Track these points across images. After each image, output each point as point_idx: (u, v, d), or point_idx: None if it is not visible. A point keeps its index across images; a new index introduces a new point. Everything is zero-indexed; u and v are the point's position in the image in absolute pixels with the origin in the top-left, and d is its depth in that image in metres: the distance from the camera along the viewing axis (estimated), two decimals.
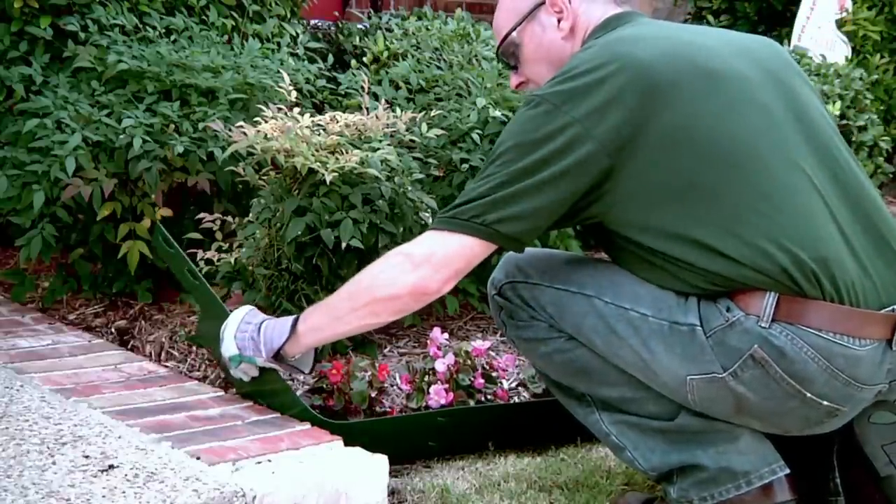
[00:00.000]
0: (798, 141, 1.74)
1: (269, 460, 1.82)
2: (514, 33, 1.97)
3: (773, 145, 1.71)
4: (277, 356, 1.96)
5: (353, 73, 3.36)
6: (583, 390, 1.88)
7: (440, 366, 2.22)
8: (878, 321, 1.68)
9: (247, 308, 2.05)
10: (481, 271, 2.55)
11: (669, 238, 1.70)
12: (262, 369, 2.04)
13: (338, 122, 2.45)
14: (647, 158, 1.69)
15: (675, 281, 1.73)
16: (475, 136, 2.84)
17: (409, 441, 2.11)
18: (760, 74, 1.78)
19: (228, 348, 2.01)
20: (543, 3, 1.93)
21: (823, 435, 1.83)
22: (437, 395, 2.19)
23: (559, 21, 1.92)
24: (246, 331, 1.99)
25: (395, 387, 2.28)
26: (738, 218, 1.67)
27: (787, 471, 1.77)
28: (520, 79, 2.01)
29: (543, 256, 1.92)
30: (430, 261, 1.78)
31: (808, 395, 1.67)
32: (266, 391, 2.11)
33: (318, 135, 2.39)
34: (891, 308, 1.70)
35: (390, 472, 1.91)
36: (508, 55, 2.00)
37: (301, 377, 2.20)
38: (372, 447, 1.94)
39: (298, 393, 2.22)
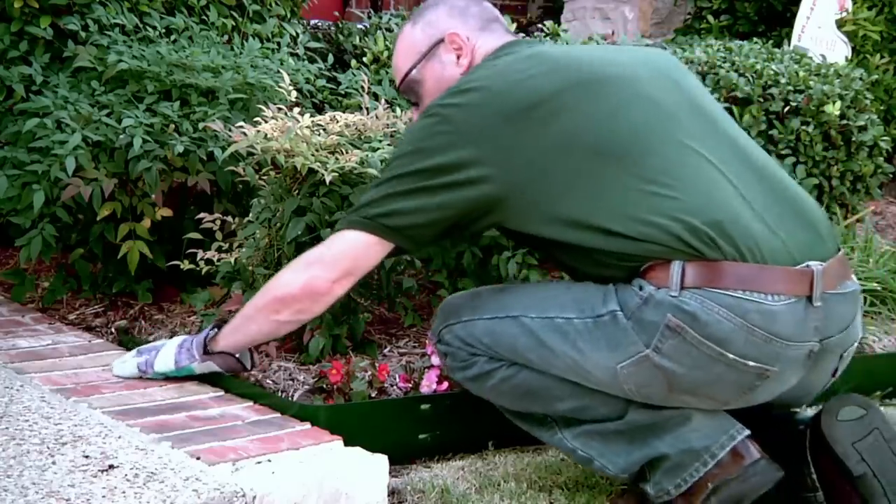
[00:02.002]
0: (691, 126, 1.83)
1: (269, 460, 1.82)
2: (414, 71, 2.06)
3: (663, 132, 1.80)
4: (208, 353, 2.11)
5: (353, 73, 3.36)
6: (539, 411, 1.94)
7: (436, 359, 2.22)
8: (791, 277, 1.72)
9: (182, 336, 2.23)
10: (482, 270, 2.57)
11: (570, 227, 1.79)
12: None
13: (338, 122, 2.45)
14: (538, 168, 1.79)
15: (597, 266, 1.82)
16: None
17: (395, 431, 2.11)
18: (649, 72, 1.89)
19: (164, 363, 2.17)
20: (442, 40, 2.02)
21: (795, 430, 1.88)
22: (429, 381, 2.19)
23: (458, 57, 2.02)
24: (182, 346, 2.16)
25: (395, 387, 2.28)
26: (629, 200, 1.76)
27: (747, 432, 1.80)
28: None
29: (472, 294, 2.01)
30: (321, 260, 1.92)
31: (730, 355, 1.71)
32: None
33: (318, 135, 2.39)
34: (805, 265, 1.74)
35: (390, 472, 1.91)
36: (409, 92, 2.10)
37: (246, 374, 2.24)
38: (354, 436, 1.95)
39: (298, 393, 2.22)
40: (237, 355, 2.13)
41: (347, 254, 1.89)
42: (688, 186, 1.76)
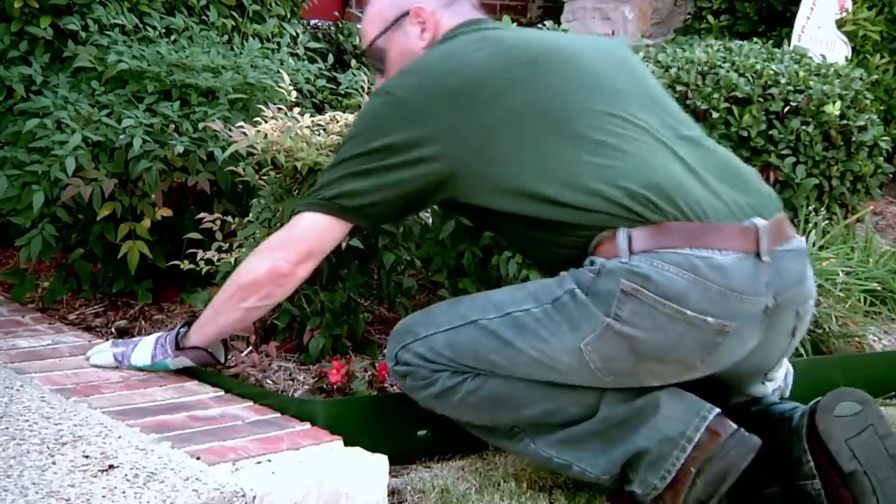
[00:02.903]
0: (633, 101, 1.90)
1: (269, 460, 1.82)
2: (379, 40, 2.12)
3: (605, 105, 1.86)
4: (181, 349, 2.17)
5: (353, 73, 3.36)
6: (508, 422, 1.93)
7: None
8: (736, 233, 1.77)
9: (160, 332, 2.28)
10: (482, 270, 2.57)
11: (519, 198, 1.83)
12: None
13: (338, 122, 2.45)
14: (490, 145, 1.85)
15: (547, 241, 1.86)
16: None
17: (394, 428, 2.11)
18: (594, 52, 1.96)
19: (140, 358, 2.23)
20: (408, 13, 2.08)
21: (794, 420, 1.88)
22: None
23: (422, 31, 2.07)
24: (157, 341, 2.23)
25: (394, 387, 2.28)
26: (571, 170, 1.81)
27: (717, 410, 1.81)
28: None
29: (425, 313, 2.02)
30: (283, 245, 1.97)
31: (689, 312, 1.73)
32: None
33: (319, 135, 2.39)
34: (749, 222, 1.79)
35: (390, 472, 1.91)
36: (375, 59, 2.16)
37: (219, 367, 2.28)
38: (354, 436, 1.95)
39: (298, 393, 2.22)
40: (209, 349, 2.18)
41: (308, 236, 1.95)
42: (628, 154, 1.81)
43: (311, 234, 1.95)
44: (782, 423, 1.91)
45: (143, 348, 2.23)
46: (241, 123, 2.43)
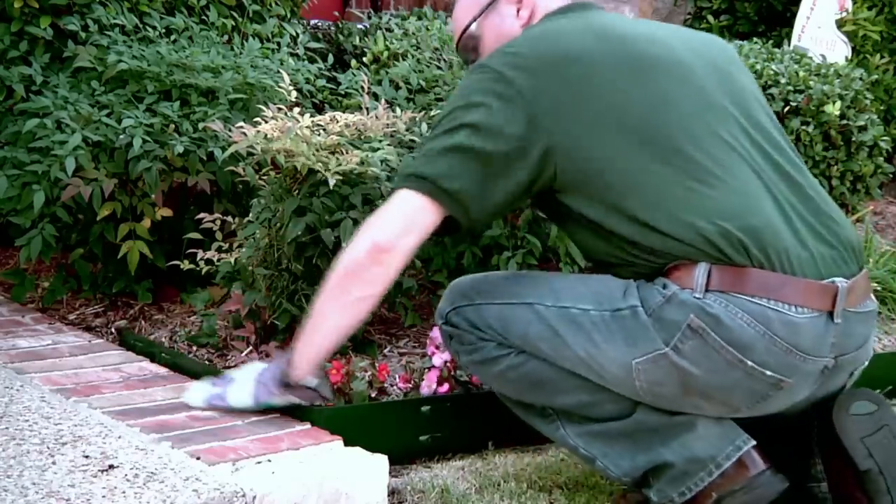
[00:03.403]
0: (734, 124, 1.80)
1: (269, 460, 1.82)
2: (473, 26, 2.01)
3: (708, 127, 1.77)
4: (288, 386, 1.97)
5: (353, 73, 3.36)
6: (543, 403, 1.91)
7: (437, 360, 2.22)
8: (816, 291, 1.71)
9: (259, 365, 2.06)
10: (483, 270, 2.56)
11: (608, 211, 1.75)
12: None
13: (338, 122, 2.45)
14: (584, 137, 1.75)
15: (620, 253, 1.78)
16: None
17: (395, 433, 2.11)
18: (699, 61, 1.85)
19: (240, 399, 2.02)
20: None
21: (802, 421, 1.86)
22: (429, 382, 2.18)
23: (518, 10, 1.97)
24: (259, 379, 2.01)
25: (394, 387, 2.28)
26: (667, 194, 1.73)
27: (753, 442, 1.79)
28: None
29: (482, 279, 1.96)
30: (377, 221, 1.82)
31: (749, 363, 1.69)
32: None
33: (319, 135, 2.39)
34: (830, 280, 1.72)
35: (390, 472, 1.91)
36: (469, 49, 2.04)
37: (327, 404, 2.09)
38: (354, 436, 1.94)
39: None
40: (315, 385, 2.00)
41: (404, 211, 1.80)
42: (727, 188, 1.73)
43: (407, 209, 1.79)
44: (790, 424, 1.90)
45: (243, 387, 2.03)
46: (241, 123, 2.43)
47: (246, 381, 2.03)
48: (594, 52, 1.79)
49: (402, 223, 1.80)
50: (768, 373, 1.70)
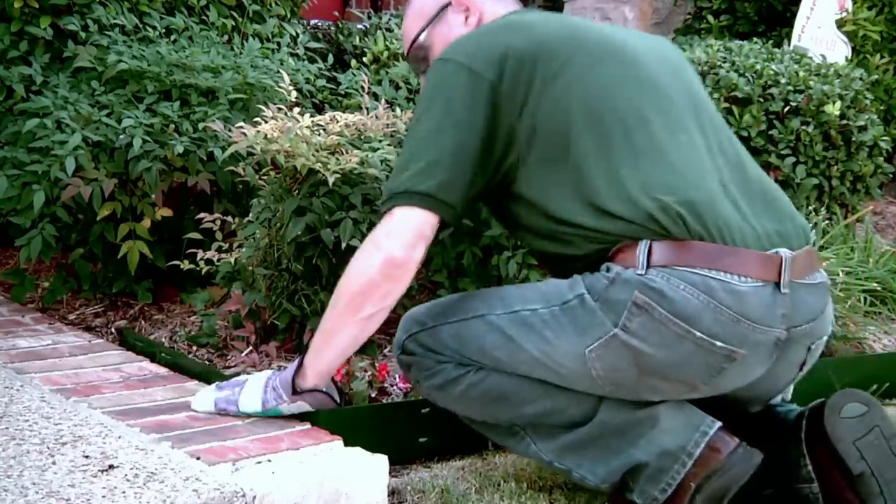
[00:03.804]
0: (683, 110, 1.86)
1: (269, 460, 1.82)
2: (421, 36, 2.06)
3: (658, 112, 1.83)
4: (298, 393, 1.97)
5: (353, 73, 3.36)
6: (508, 419, 1.91)
7: None
8: (759, 260, 1.73)
9: (267, 373, 2.06)
10: (482, 270, 2.57)
11: (555, 198, 1.80)
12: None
13: (338, 122, 2.45)
14: (539, 120, 1.80)
15: (567, 247, 1.83)
16: None
17: (395, 434, 2.11)
18: (651, 53, 1.92)
19: (250, 404, 2.01)
20: (449, 3, 2.03)
21: (790, 421, 1.87)
22: None
23: (466, 18, 2.03)
24: (268, 385, 2.01)
25: (394, 387, 2.28)
26: (615, 173, 1.77)
27: (719, 424, 1.79)
28: None
29: (435, 304, 1.97)
30: (387, 236, 1.83)
31: (698, 333, 1.71)
32: None
33: (318, 135, 2.39)
34: (774, 251, 1.75)
35: (390, 472, 1.91)
36: (419, 59, 2.09)
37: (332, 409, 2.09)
38: (354, 436, 1.94)
39: None
40: (325, 389, 2.01)
41: (412, 224, 1.82)
42: (672, 166, 1.78)
43: (413, 222, 1.82)
44: (779, 425, 1.90)
45: (252, 393, 2.02)
46: (241, 123, 2.43)
47: (255, 387, 2.02)
48: (552, 37, 1.85)
49: (410, 238, 1.82)
50: (718, 343, 1.71)
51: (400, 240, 1.81)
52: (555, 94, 1.80)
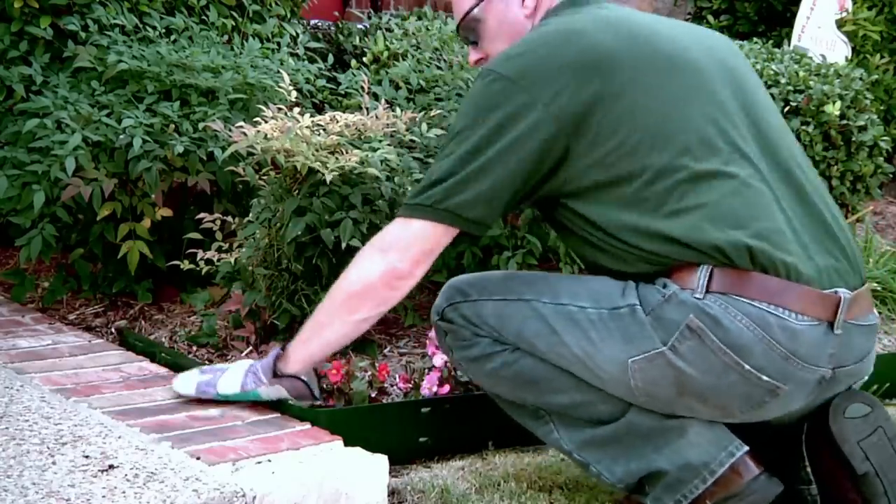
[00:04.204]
0: (745, 131, 1.79)
1: (269, 460, 1.82)
2: (476, 9, 1.98)
3: (719, 133, 1.75)
4: (278, 377, 1.99)
5: (353, 73, 3.36)
6: (535, 403, 1.89)
7: (438, 361, 2.22)
8: (818, 299, 1.70)
9: (250, 360, 2.09)
10: (482, 270, 2.56)
11: (612, 218, 1.75)
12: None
13: (338, 122, 2.45)
14: (599, 139, 1.73)
15: (618, 262, 1.78)
16: None
17: (395, 434, 2.11)
18: (712, 63, 1.83)
19: (229, 386, 2.04)
20: None
21: (792, 424, 1.85)
22: (430, 383, 2.18)
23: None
24: (250, 369, 2.03)
25: (395, 387, 2.28)
26: (678, 198, 1.71)
27: (746, 448, 1.78)
28: (479, 55, 2.02)
29: (481, 276, 1.95)
30: (396, 245, 1.81)
31: (746, 366, 1.69)
32: None
33: (318, 135, 2.39)
34: (833, 290, 1.72)
35: (390, 472, 1.91)
36: (469, 30, 2.01)
37: (311, 402, 2.11)
38: (354, 436, 1.94)
39: None
40: (306, 379, 2.02)
41: (424, 239, 1.81)
42: (735, 195, 1.72)
43: (427, 238, 1.80)
44: (778, 425, 1.90)
45: (233, 376, 2.04)
46: (241, 123, 2.43)
47: (237, 371, 2.05)
48: (614, 50, 1.76)
49: (420, 251, 1.81)
50: (765, 378, 1.69)
51: (408, 253, 1.80)
52: (617, 113, 1.73)
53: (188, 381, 2.08)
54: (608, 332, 1.76)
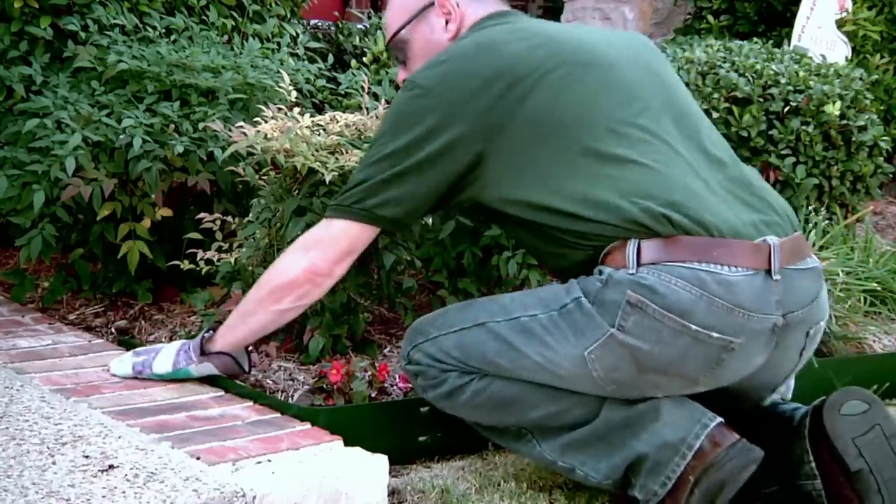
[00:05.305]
0: (660, 114, 1.87)
1: (269, 460, 1.82)
2: (403, 31, 2.09)
3: (632, 116, 1.84)
4: (206, 355, 2.13)
5: (353, 73, 3.36)
6: (515, 423, 1.93)
7: None
8: (748, 249, 1.75)
9: (182, 340, 2.23)
10: (482, 270, 2.57)
11: (537, 210, 1.83)
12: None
13: (338, 122, 2.45)
14: (514, 142, 1.83)
15: (557, 246, 1.86)
16: None
17: (395, 433, 2.11)
18: (626, 60, 1.92)
19: (162, 365, 2.18)
20: (433, 4, 2.05)
21: (795, 419, 1.88)
22: None
23: (447, 23, 2.05)
24: (181, 349, 2.18)
25: (394, 387, 2.28)
26: (591, 183, 1.80)
27: (720, 419, 1.81)
28: (406, 74, 2.09)
29: (438, 313, 2.02)
30: (318, 244, 1.95)
31: (693, 326, 1.72)
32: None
33: (318, 135, 2.39)
34: (761, 239, 1.77)
35: (390, 472, 1.91)
36: (398, 50, 2.12)
37: (243, 377, 2.23)
38: (354, 436, 1.94)
39: (298, 393, 2.22)
40: (235, 356, 2.14)
41: (343, 238, 1.93)
42: (648, 168, 1.80)
43: (347, 237, 1.93)
44: (783, 423, 1.91)
45: (165, 356, 2.18)
46: (241, 123, 2.43)
47: (169, 350, 2.19)
48: (526, 60, 1.86)
49: (340, 251, 1.94)
50: (714, 334, 1.72)
51: (328, 252, 1.94)
52: (527, 114, 1.82)
53: (124, 363, 2.22)
54: (561, 332, 1.80)
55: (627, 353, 1.76)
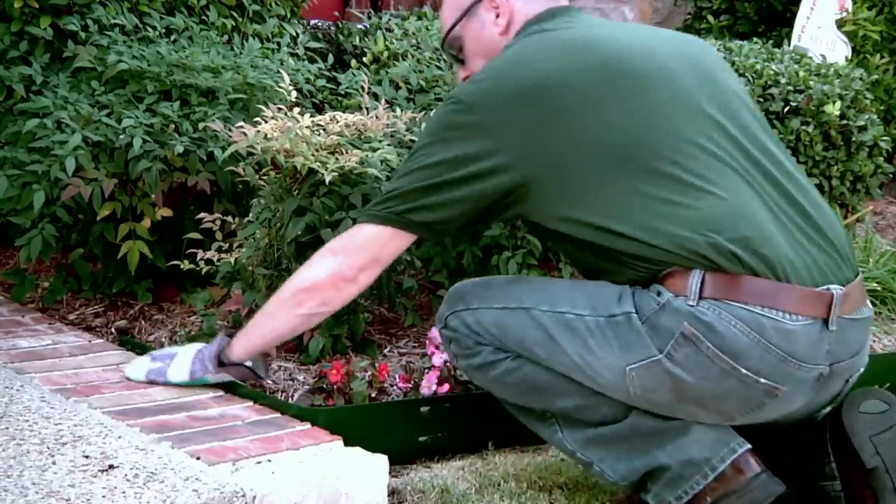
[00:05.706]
0: (721, 132, 1.79)
1: (269, 460, 1.82)
2: (456, 28, 2.04)
3: (692, 138, 1.76)
4: (223, 364, 2.09)
5: (353, 73, 3.36)
6: (540, 407, 1.92)
7: (437, 360, 2.23)
8: (811, 298, 1.71)
9: (199, 344, 2.19)
10: (482, 270, 2.57)
11: (593, 230, 1.77)
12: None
13: (338, 122, 2.45)
14: (561, 163, 1.76)
15: (611, 264, 1.80)
16: None
17: (395, 433, 2.11)
18: (684, 67, 1.84)
19: (178, 374, 2.14)
20: None
21: (815, 420, 1.87)
22: (429, 382, 2.19)
23: (497, 16, 1.99)
24: (197, 356, 2.13)
25: (394, 387, 2.28)
26: (652, 211, 1.73)
27: (748, 446, 1.79)
28: (466, 72, 2.07)
29: (482, 283, 1.98)
30: (345, 249, 1.90)
31: (743, 370, 1.69)
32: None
33: (318, 135, 2.39)
34: (825, 287, 1.72)
35: (390, 472, 1.91)
36: (455, 49, 2.08)
37: (262, 382, 2.21)
38: (354, 436, 1.94)
39: (298, 393, 2.22)
40: (250, 364, 2.10)
41: (372, 245, 1.88)
42: (715, 198, 1.73)
43: (376, 243, 1.88)
44: (804, 423, 1.90)
45: (181, 363, 2.14)
46: (241, 123, 2.43)
47: (185, 357, 2.14)
48: (570, 74, 1.79)
49: (367, 257, 1.89)
50: (762, 380, 1.70)
51: (355, 257, 1.89)
52: (575, 133, 1.76)
53: (139, 368, 2.19)
54: (605, 340, 1.77)
55: (670, 380, 1.73)
